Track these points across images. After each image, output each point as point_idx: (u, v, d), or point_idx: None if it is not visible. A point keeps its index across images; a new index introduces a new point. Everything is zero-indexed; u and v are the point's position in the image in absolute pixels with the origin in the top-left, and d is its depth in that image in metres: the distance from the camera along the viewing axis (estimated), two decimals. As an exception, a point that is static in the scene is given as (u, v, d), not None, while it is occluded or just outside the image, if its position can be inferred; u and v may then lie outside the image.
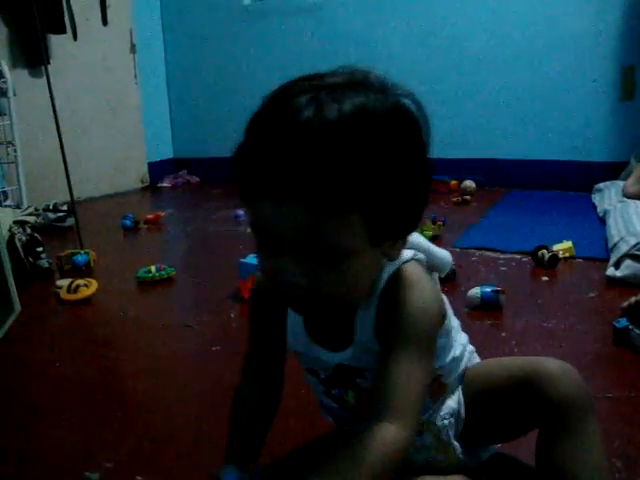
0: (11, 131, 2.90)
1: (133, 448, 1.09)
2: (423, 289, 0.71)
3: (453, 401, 0.86)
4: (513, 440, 0.90)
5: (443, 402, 0.85)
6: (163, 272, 2.05)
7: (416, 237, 0.79)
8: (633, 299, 1.43)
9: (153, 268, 2.07)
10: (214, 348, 1.49)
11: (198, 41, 4.26)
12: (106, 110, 3.89)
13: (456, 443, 0.85)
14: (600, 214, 2.62)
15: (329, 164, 0.57)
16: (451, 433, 0.85)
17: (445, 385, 0.85)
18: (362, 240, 0.62)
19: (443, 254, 0.84)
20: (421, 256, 0.77)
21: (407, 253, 0.74)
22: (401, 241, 0.69)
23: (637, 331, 1.35)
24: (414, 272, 0.72)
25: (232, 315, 1.71)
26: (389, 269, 0.72)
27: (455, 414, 0.85)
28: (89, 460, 1.05)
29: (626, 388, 1.20)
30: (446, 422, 0.84)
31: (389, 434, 0.64)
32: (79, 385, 1.36)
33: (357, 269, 0.64)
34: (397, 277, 0.72)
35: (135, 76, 4.08)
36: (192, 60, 4.31)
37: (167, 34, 4.37)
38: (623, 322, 1.39)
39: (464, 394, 0.86)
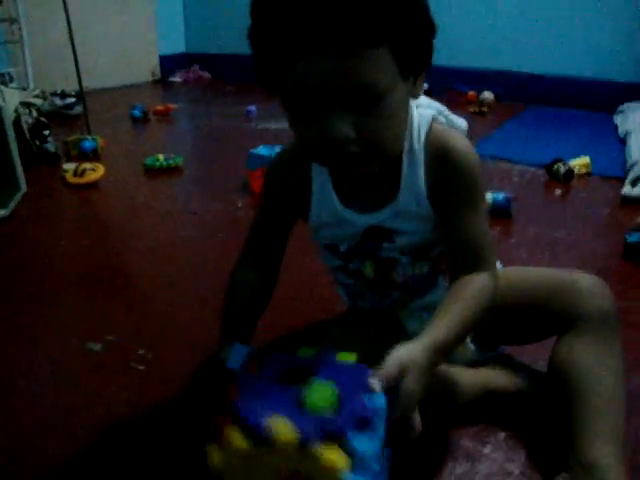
0: (15, 7, 2.78)
1: (136, 323, 1.10)
2: (469, 147, 0.75)
3: None
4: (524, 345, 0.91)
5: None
6: (171, 161, 2.03)
7: (435, 104, 0.81)
8: (648, 214, 1.41)
9: (161, 156, 2.04)
10: (219, 235, 1.49)
11: None
12: (117, -2, 3.73)
13: (470, 344, 0.86)
14: (621, 135, 2.55)
15: (348, 5, 0.59)
16: None
17: None
18: (393, 75, 0.65)
19: (460, 121, 0.85)
20: (442, 119, 0.80)
21: (429, 112, 0.77)
22: (421, 78, 0.71)
23: (648, 245, 1.33)
24: (451, 131, 0.77)
25: (239, 205, 1.69)
26: (422, 122, 0.75)
27: None
28: (92, 332, 1.06)
29: (633, 298, 1.20)
30: None
31: (486, 280, 0.73)
32: (83, 263, 1.36)
33: (394, 107, 0.66)
34: (438, 134, 0.75)
35: (149, -39, 3.90)
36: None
37: None
38: (635, 236, 1.37)
39: None
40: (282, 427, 0.53)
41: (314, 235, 0.84)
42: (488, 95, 3.18)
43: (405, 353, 0.62)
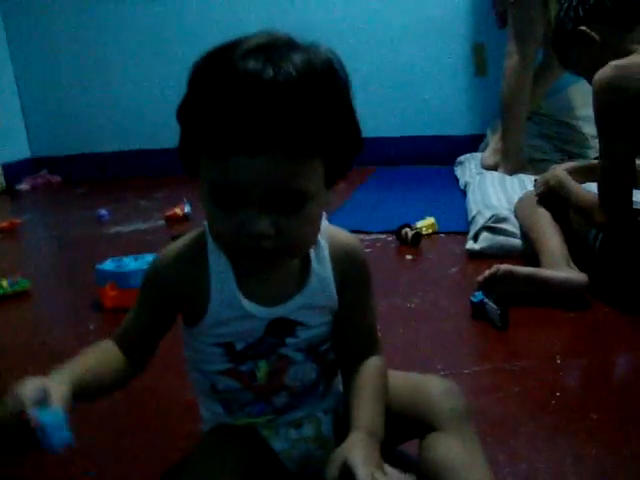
0: None
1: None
2: (361, 247, 0.86)
3: (337, 391, 0.89)
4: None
5: (331, 389, 0.88)
6: (16, 285, 1.90)
7: None
8: (487, 272, 1.49)
9: (5, 282, 1.91)
10: (70, 366, 1.40)
11: (47, 31, 3.96)
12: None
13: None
14: (462, 186, 2.71)
15: (299, 115, 0.63)
16: (330, 428, 0.86)
17: (336, 367, 0.88)
18: (320, 183, 0.70)
19: None
20: None
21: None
22: (331, 190, 0.75)
23: (491, 304, 1.39)
24: (340, 229, 0.86)
25: (91, 327, 1.60)
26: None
27: (336, 407, 0.88)
28: None
29: (481, 361, 1.25)
30: (330, 415, 0.86)
31: (382, 360, 0.85)
32: None
33: (314, 211, 0.71)
34: (333, 230, 0.83)
35: (-21, 75, 3.76)
36: (41, 54, 3.99)
37: (9, 26, 4.04)
38: (479, 296, 1.44)
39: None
40: None
41: (203, 335, 0.80)
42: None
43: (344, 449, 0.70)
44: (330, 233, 0.82)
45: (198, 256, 0.78)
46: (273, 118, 0.62)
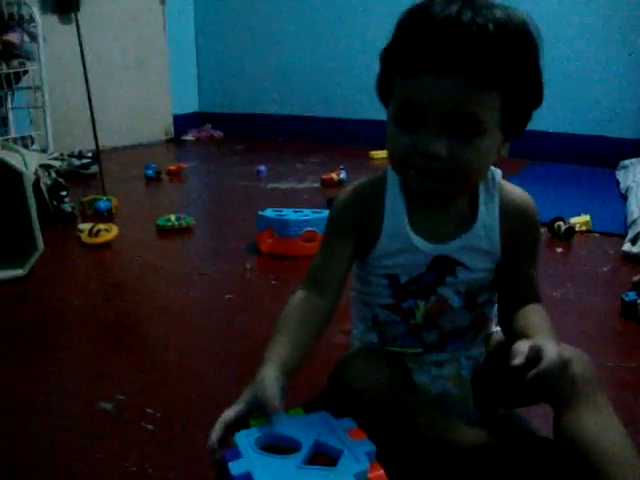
0: (40, 77, 2.92)
1: (145, 383, 1.13)
2: (535, 206, 0.88)
3: (481, 342, 0.93)
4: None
5: (477, 339, 0.92)
6: (182, 221, 2.09)
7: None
8: (644, 273, 1.44)
9: (173, 217, 2.10)
10: (228, 296, 1.53)
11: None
12: (133, 61, 3.90)
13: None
14: (622, 191, 2.59)
15: (487, 49, 0.70)
16: (469, 372, 0.91)
17: (488, 320, 0.93)
18: (496, 121, 0.74)
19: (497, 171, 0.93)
20: None
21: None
22: (509, 144, 0.81)
23: (645, 304, 1.36)
24: (519, 188, 0.89)
25: (247, 266, 1.74)
26: (495, 172, 0.86)
27: (478, 355, 0.92)
28: (103, 391, 1.09)
29: (626, 358, 1.22)
30: (471, 362, 0.91)
31: (544, 309, 0.86)
32: (95, 323, 1.41)
33: (486, 146, 0.75)
34: (509, 186, 0.87)
35: (164, 27, 4.07)
36: (222, 14, 4.28)
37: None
38: (632, 295, 1.40)
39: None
40: None
41: (373, 266, 0.88)
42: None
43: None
44: (505, 187, 0.87)
45: (377, 192, 0.86)
46: (463, 45, 0.69)
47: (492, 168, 0.86)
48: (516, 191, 0.88)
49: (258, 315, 1.40)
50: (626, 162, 2.97)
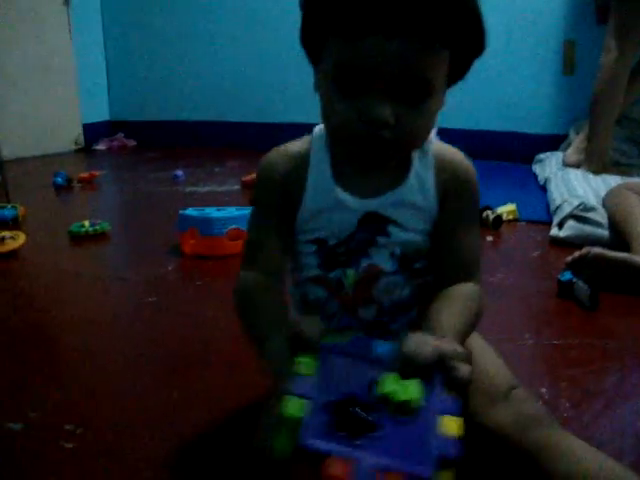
0: None
1: (62, 398, 1.01)
2: (472, 167, 0.81)
3: None
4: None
5: None
6: (97, 226, 1.95)
7: None
8: (577, 253, 1.44)
9: (87, 223, 1.96)
10: (150, 299, 1.42)
11: (140, 2, 4.07)
12: (38, 66, 3.67)
13: None
14: (541, 182, 2.65)
15: (441, 5, 0.62)
16: None
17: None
18: (443, 79, 0.69)
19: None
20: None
21: None
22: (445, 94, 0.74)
23: (581, 283, 1.35)
24: (455, 148, 0.82)
25: (169, 268, 1.63)
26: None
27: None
28: (13, 411, 0.97)
29: (570, 335, 1.20)
30: None
31: (475, 287, 0.77)
32: (3, 336, 1.26)
33: (434, 108, 0.69)
34: (443, 145, 0.81)
35: (69, 31, 3.87)
36: (131, 17, 4.11)
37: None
38: (567, 275, 1.40)
39: None
40: None
41: (299, 233, 0.80)
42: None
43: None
44: (438, 145, 0.80)
45: (301, 154, 0.79)
46: (416, 1, 0.62)
47: None
48: (449, 148, 0.82)
49: (183, 317, 1.30)
50: (541, 156, 3.05)
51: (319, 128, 0.80)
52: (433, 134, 0.79)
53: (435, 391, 0.55)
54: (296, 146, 0.81)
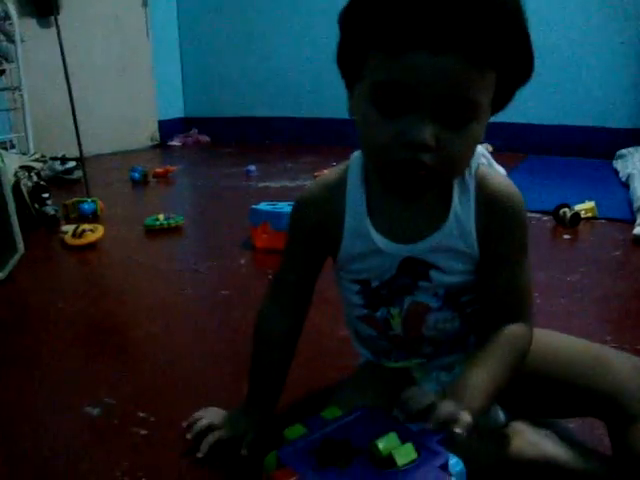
0: (18, 77, 2.82)
1: (136, 385, 1.04)
2: (521, 196, 0.72)
3: None
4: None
5: None
6: (171, 220, 2.00)
7: (480, 148, 0.76)
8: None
9: (161, 216, 2.01)
10: (223, 292, 1.44)
11: (214, 3, 4.15)
12: (116, 66, 3.81)
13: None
14: (623, 179, 2.53)
15: (490, 20, 0.58)
16: None
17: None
18: (488, 103, 0.64)
19: (501, 170, 0.80)
20: (484, 161, 0.76)
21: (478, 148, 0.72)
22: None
23: (668, 285, 1.28)
24: (501, 175, 0.74)
25: (242, 262, 1.65)
26: (474, 161, 0.72)
27: None
28: (90, 396, 1.00)
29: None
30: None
31: (524, 330, 0.72)
32: (82, 325, 1.31)
33: (477, 133, 0.64)
34: (487, 172, 0.72)
35: (147, 32, 3.98)
36: (206, 17, 4.20)
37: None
38: (653, 276, 1.33)
39: None
40: None
41: (342, 271, 0.78)
42: (486, 146, 3.20)
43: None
44: (482, 172, 0.72)
45: (338, 188, 0.75)
46: (466, 16, 0.57)
47: None
48: (495, 177, 0.72)
49: (254, 312, 1.30)
50: (623, 151, 2.93)
51: (356, 155, 0.76)
52: (476, 159, 0.73)
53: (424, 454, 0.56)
54: (331, 181, 0.76)
